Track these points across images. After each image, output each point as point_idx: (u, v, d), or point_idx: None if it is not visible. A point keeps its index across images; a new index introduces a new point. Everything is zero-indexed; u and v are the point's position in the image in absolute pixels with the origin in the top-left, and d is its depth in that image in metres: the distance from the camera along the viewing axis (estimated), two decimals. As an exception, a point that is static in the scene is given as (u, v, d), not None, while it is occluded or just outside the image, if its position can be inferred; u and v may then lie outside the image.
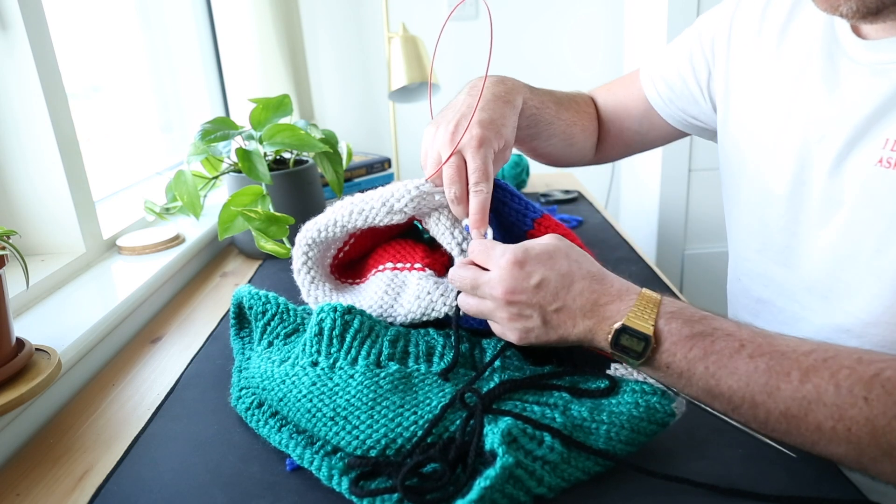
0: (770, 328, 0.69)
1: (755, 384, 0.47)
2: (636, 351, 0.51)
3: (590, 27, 2.05)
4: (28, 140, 0.81)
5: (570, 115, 0.85)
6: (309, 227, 0.69)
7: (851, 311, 0.60)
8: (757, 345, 0.48)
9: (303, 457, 0.52)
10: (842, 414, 0.44)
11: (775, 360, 0.47)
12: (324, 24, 2.01)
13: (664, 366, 0.51)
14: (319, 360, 0.58)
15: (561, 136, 0.84)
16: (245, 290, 0.69)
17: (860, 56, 0.59)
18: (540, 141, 0.82)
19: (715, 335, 0.50)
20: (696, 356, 0.49)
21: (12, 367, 0.57)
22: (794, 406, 0.46)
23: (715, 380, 0.48)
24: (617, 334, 0.51)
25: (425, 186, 0.64)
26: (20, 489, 0.54)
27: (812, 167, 0.62)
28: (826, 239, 0.61)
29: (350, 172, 1.28)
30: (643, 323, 0.51)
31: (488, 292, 0.56)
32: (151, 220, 1.10)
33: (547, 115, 0.80)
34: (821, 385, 0.45)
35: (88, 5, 1.18)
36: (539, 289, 0.54)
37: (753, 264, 0.73)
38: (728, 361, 0.48)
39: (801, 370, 0.46)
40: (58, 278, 0.82)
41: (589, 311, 0.53)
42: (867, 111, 0.57)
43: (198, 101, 1.52)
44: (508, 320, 0.55)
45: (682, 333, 0.50)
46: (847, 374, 0.45)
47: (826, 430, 0.45)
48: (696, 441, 0.54)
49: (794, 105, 0.65)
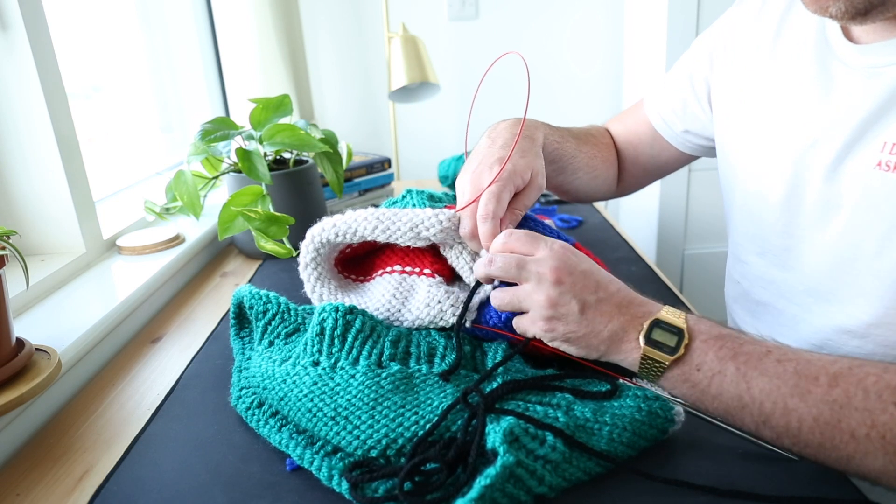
0: (770, 330, 0.70)
1: (785, 386, 0.46)
2: (669, 346, 0.50)
3: (590, 27, 2.05)
4: (28, 140, 0.81)
5: (590, 147, 0.86)
6: (326, 229, 0.68)
7: (853, 313, 0.60)
8: (783, 351, 0.48)
9: (303, 457, 0.52)
10: (874, 420, 0.43)
11: (802, 366, 0.47)
12: (324, 24, 2.01)
13: (696, 367, 0.50)
14: (321, 360, 0.58)
15: (585, 170, 0.85)
16: (245, 289, 0.69)
17: (853, 60, 0.59)
18: (566, 176, 0.83)
19: (741, 339, 0.50)
20: (726, 355, 0.49)
21: (12, 367, 0.57)
22: (826, 411, 0.45)
23: (746, 381, 0.48)
24: (650, 328, 0.51)
25: (455, 218, 0.65)
26: (20, 489, 0.54)
27: (807, 171, 0.63)
28: (825, 242, 0.62)
29: (350, 172, 1.28)
30: (676, 318, 0.51)
31: (535, 270, 0.54)
32: (151, 220, 1.10)
33: (569, 150, 0.81)
34: (849, 390, 0.45)
35: (88, 5, 1.18)
36: (587, 276, 0.54)
37: (753, 267, 0.73)
38: (757, 363, 0.48)
39: (828, 375, 0.46)
40: (58, 278, 0.82)
41: (625, 307, 0.53)
42: (863, 115, 0.57)
43: (198, 101, 1.52)
44: (545, 304, 0.54)
45: (712, 332, 0.51)
46: (874, 380, 0.44)
47: (860, 438, 0.44)
48: (695, 440, 0.54)
49: (788, 110, 0.65)
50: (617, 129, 0.94)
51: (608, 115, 2.18)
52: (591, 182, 0.87)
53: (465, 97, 2.10)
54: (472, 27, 2.04)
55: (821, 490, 0.48)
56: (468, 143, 0.76)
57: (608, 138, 0.93)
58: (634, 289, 0.56)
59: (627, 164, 0.92)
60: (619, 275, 0.58)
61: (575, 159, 0.82)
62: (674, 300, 0.84)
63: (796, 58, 0.65)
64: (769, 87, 0.68)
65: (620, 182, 0.94)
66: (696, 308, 0.83)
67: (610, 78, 2.11)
